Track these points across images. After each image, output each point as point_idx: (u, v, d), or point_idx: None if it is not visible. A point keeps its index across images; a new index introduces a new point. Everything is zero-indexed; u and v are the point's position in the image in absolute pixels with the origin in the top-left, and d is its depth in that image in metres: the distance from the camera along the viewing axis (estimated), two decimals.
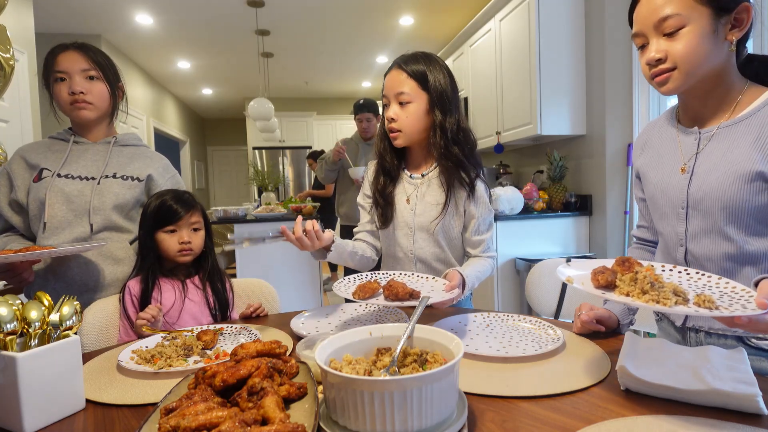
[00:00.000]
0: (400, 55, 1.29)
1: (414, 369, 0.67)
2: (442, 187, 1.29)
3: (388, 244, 1.37)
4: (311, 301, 3.68)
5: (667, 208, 0.97)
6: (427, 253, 1.31)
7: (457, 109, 1.28)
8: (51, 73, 1.31)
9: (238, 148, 9.83)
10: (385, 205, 1.34)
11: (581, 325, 0.98)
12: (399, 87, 1.24)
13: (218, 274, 1.36)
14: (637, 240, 1.19)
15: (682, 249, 0.95)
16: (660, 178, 0.99)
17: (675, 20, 0.84)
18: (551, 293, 1.66)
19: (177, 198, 1.30)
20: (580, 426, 0.61)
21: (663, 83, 0.89)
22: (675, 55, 0.85)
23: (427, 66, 1.25)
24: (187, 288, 1.30)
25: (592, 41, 2.89)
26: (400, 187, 1.35)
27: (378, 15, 4.52)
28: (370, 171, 1.42)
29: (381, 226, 1.36)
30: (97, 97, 1.33)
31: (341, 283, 1.05)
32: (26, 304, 0.74)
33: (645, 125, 1.12)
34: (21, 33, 3.00)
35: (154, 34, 4.85)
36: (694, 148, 0.94)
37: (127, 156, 1.40)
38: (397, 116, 1.25)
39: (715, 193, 0.87)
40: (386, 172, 1.36)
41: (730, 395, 0.63)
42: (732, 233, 0.87)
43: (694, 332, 0.96)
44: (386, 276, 1.11)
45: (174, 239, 1.27)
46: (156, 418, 0.60)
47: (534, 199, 3.07)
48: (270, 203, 4.37)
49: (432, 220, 1.28)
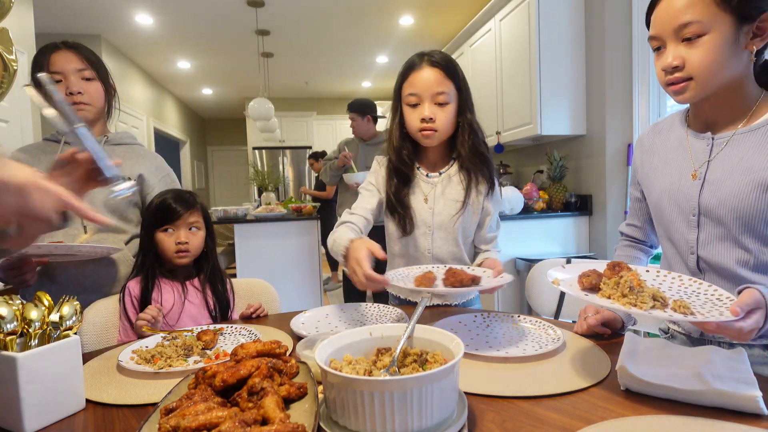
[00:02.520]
0: (424, 53, 1.25)
1: (414, 369, 0.67)
2: (462, 184, 1.29)
3: (403, 244, 1.34)
4: (311, 301, 3.68)
5: (675, 215, 0.95)
6: (445, 252, 1.30)
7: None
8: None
9: (238, 148, 9.83)
10: (404, 211, 1.30)
11: (587, 328, 0.97)
12: (438, 86, 1.22)
13: (219, 275, 1.35)
14: (625, 237, 1.18)
15: (693, 257, 0.92)
16: (668, 183, 0.96)
17: (695, 27, 0.81)
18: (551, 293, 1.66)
19: (177, 197, 1.29)
20: (580, 426, 0.61)
21: (679, 92, 0.86)
22: (692, 65, 0.83)
23: (455, 65, 1.25)
24: (187, 290, 1.29)
25: (592, 41, 2.89)
26: (416, 188, 1.32)
27: (378, 15, 4.52)
28: (377, 175, 1.37)
29: (404, 234, 1.31)
30: (93, 97, 1.32)
31: (397, 273, 1.11)
32: (26, 304, 0.74)
33: (649, 127, 1.10)
34: (21, 33, 3.00)
35: (154, 34, 4.85)
36: (706, 155, 0.91)
37: (119, 155, 1.39)
38: (435, 116, 1.23)
39: (730, 202, 0.85)
40: (400, 173, 1.31)
41: (730, 395, 0.63)
42: (747, 242, 0.85)
43: (717, 344, 0.92)
44: (428, 269, 1.12)
45: (171, 239, 1.25)
46: (156, 418, 0.60)
47: (534, 199, 3.07)
48: (270, 203, 4.38)
49: (451, 217, 1.28)
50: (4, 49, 1.43)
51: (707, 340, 0.95)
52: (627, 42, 2.71)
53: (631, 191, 1.14)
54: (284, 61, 5.92)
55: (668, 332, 1.06)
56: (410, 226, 1.30)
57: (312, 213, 3.75)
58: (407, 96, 1.26)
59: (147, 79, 6.29)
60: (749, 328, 0.66)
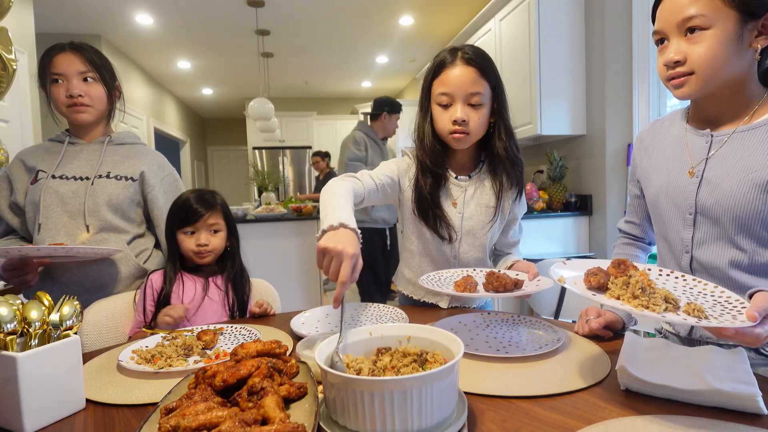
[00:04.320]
0: (456, 48, 1.16)
1: (414, 369, 0.67)
2: (494, 188, 1.24)
3: (424, 246, 1.28)
4: (311, 301, 3.68)
5: (671, 213, 0.94)
6: (470, 258, 1.25)
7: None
8: (48, 75, 1.30)
9: (238, 148, 9.83)
10: (439, 211, 1.21)
11: (589, 331, 0.96)
12: (472, 87, 1.13)
13: (243, 275, 1.36)
14: (624, 234, 1.17)
15: (687, 256, 0.92)
16: (665, 180, 0.95)
17: (699, 21, 0.80)
18: (551, 293, 1.67)
19: (199, 198, 1.30)
20: (580, 426, 0.61)
21: (678, 86, 0.85)
22: (694, 59, 0.82)
23: (490, 62, 1.16)
24: (209, 287, 1.30)
25: (592, 41, 2.89)
26: (444, 191, 1.25)
27: (378, 15, 4.52)
28: (402, 163, 1.29)
29: (442, 240, 1.23)
30: (94, 99, 1.33)
31: (429, 278, 1.04)
32: (26, 304, 0.74)
33: (649, 124, 1.08)
34: (21, 33, 3.00)
35: (154, 34, 4.85)
36: (704, 152, 0.90)
37: (122, 155, 1.39)
38: (468, 118, 1.14)
39: (727, 201, 0.84)
40: (434, 174, 1.23)
41: (730, 395, 0.63)
42: (743, 243, 0.84)
43: (705, 345, 0.92)
44: (466, 272, 1.10)
45: (192, 241, 1.28)
46: (156, 418, 0.60)
47: (534, 199, 3.07)
48: (270, 203, 4.38)
49: (484, 225, 1.23)
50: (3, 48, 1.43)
51: (696, 340, 0.95)
52: (627, 42, 2.71)
53: (630, 188, 1.13)
54: (284, 61, 5.92)
55: (662, 332, 1.06)
56: (446, 230, 1.22)
57: (312, 213, 3.75)
58: (438, 95, 1.17)
59: (147, 79, 6.29)
60: (766, 333, 0.63)
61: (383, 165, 1.29)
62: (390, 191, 1.26)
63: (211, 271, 1.33)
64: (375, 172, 1.24)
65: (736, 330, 0.62)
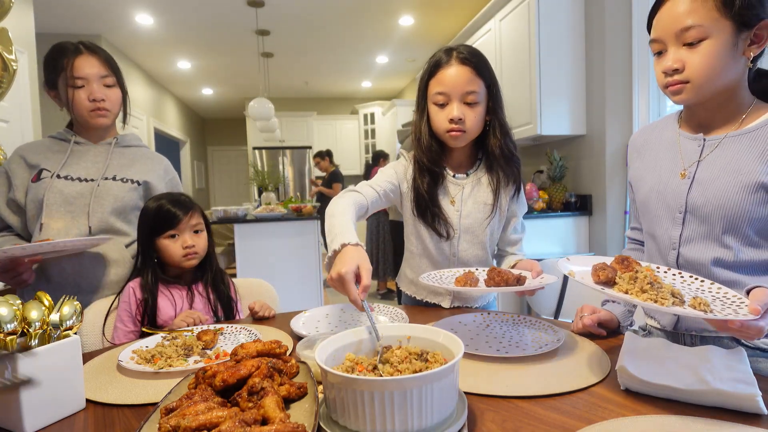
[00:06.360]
0: (452, 48, 1.17)
1: (414, 369, 0.67)
2: (491, 186, 1.25)
3: (424, 245, 1.28)
4: (311, 301, 3.68)
5: (661, 212, 0.97)
6: (470, 256, 1.26)
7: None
8: (63, 76, 1.29)
9: (238, 148, 9.83)
10: (437, 210, 1.23)
11: (583, 327, 0.98)
12: (468, 86, 1.15)
13: (221, 276, 1.34)
14: (631, 240, 1.19)
15: (674, 252, 0.95)
16: (656, 180, 0.99)
17: (696, 31, 0.83)
18: (551, 293, 1.67)
19: (174, 201, 1.26)
20: (580, 426, 0.61)
21: (676, 93, 0.89)
22: (691, 68, 0.85)
23: (485, 61, 1.18)
24: (194, 295, 1.28)
25: (592, 41, 2.89)
26: (442, 189, 1.26)
27: (378, 15, 4.53)
28: (399, 166, 1.31)
29: (440, 238, 1.25)
30: (114, 103, 1.35)
31: (429, 276, 1.05)
32: (26, 304, 0.74)
33: (639, 129, 1.11)
34: (21, 33, 3.00)
35: (154, 34, 4.85)
36: (696, 155, 0.93)
37: (128, 158, 1.40)
38: (464, 116, 1.16)
39: (717, 201, 0.87)
40: (431, 172, 1.24)
41: (730, 395, 0.63)
42: (728, 241, 0.87)
43: (689, 337, 0.95)
44: (468, 270, 1.10)
45: (177, 244, 1.24)
46: (156, 418, 0.61)
47: (534, 198, 3.08)
48: (270, 203, 4.38)
49: (482, 222, 1.24)
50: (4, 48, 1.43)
51: (680, 334, 0.97)
52: (627, 42, 2.71)
53: (630, 193, 1.15)
54: (284, 61, 5.92)
55: (645, 329, 1.08)
56: (444, 227, 1.23)
57: (312, 213, 3.75)
58: (434, 95, 1.18)
59: (147, 79, 6.29)
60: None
61: (382, 172, 1.30)
62: (393, 196, 1.28)
63: (190, 278, 1.30)
64: (375, 181, 1.26)
65: (742, 323, 0.65)
